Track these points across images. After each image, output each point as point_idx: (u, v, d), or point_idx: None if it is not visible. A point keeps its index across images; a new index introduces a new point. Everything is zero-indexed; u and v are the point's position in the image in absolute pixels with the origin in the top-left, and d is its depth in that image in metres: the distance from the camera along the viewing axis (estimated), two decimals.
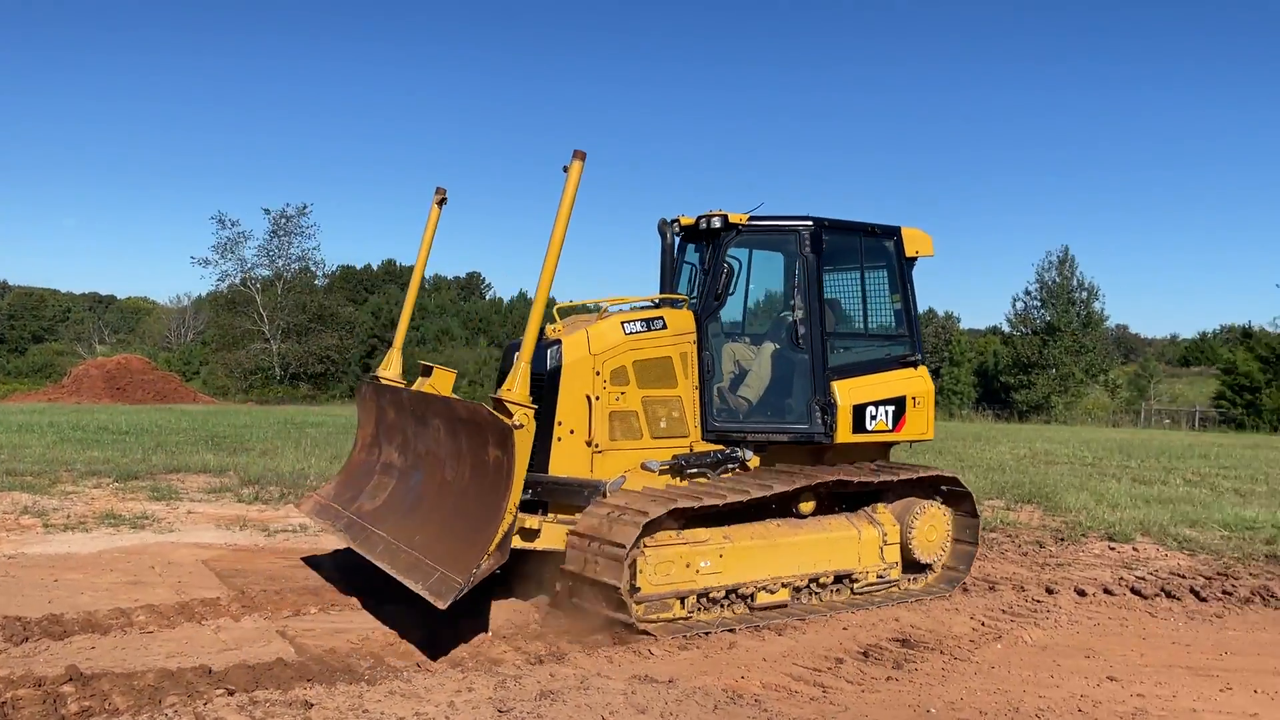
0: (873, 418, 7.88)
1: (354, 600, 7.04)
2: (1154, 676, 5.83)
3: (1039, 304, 53.07)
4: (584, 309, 8.01)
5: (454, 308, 77.05)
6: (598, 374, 6.99)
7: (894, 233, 8.26)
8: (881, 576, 7.63)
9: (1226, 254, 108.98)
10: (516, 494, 5.74)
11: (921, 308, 8.46)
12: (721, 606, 6.86)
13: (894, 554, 7.68)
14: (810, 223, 7.76)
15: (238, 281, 54.71)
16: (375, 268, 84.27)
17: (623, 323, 7.20)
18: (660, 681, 5.40)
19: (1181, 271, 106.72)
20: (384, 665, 5.60)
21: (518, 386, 5.89)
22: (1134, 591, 7.99)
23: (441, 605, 5.37)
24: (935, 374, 57.58)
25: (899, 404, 8.03)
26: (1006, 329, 55.89)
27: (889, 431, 7.99)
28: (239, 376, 51.63)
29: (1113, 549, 9.85)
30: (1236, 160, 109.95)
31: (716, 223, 7.71)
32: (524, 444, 5.76)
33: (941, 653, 6.21)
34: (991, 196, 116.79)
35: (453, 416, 6.55)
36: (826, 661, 5.96)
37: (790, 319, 7.84)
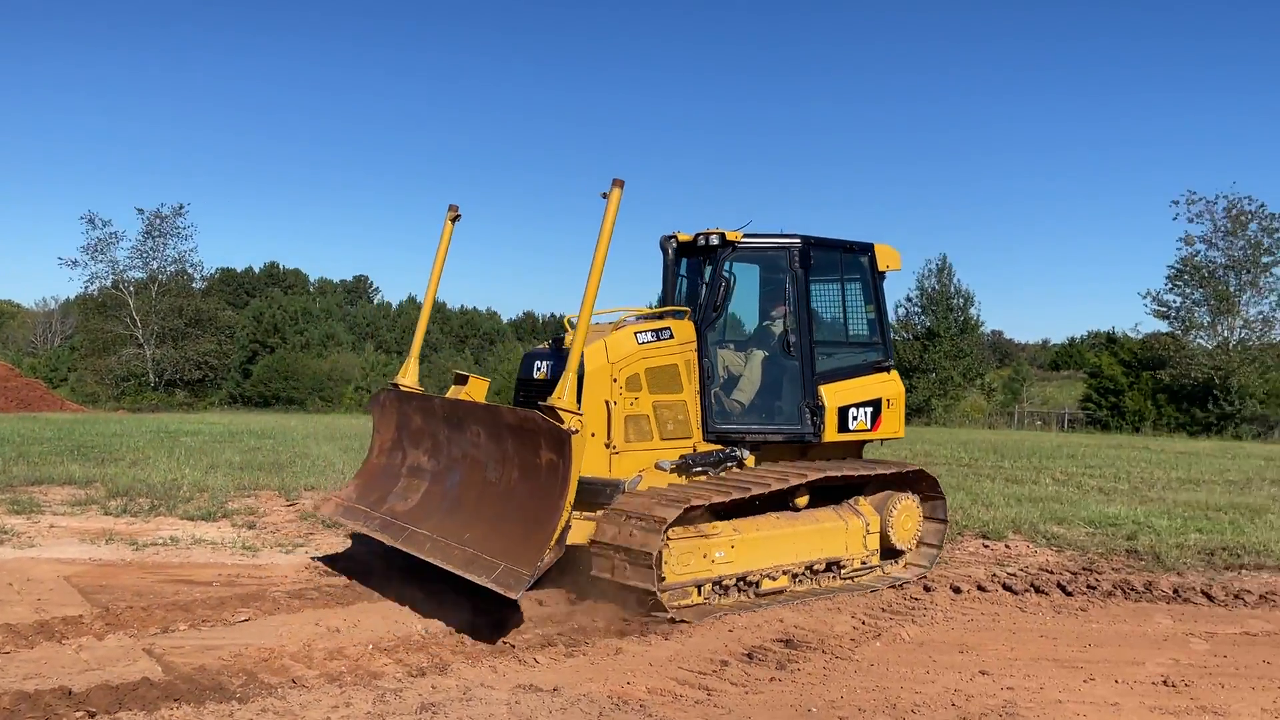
0: (854, 418, 8.61)
1: (226, 615, 6.77)
2: (1023, 669, 6.05)
3: (919, 310, 54.78)
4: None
5: (340, 312, 75.24)
6: (615, 381, 7.51)
7: (868, 249, 8.97)
8: (865, 563, 8.35)
9: (1094, 263, 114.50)
10: (572, 493, 6.19)
11: None
12: (733, 594, 7.49)
13: (875, 542, 8.37)
14: (799, 240, 8.40)
15: (109, 284, 52.39)
16: (257, 270, 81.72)
17: (636, 333, 7.73)
18: (545, 690, 5.35)
19: (1052, 280, 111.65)
20: (257, 682, 5.40)
21: (567, 395, 6.44)
22: (1006, 588, 8.28)
23: (513, 595, 5.90)
24: None
25: (876, 405, 8.78)
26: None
27: (868, 431, 8.74)
28: (110, 383, 49.41)
29: (987, 547, 10.19)
30: (1103, 173, 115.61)
31: (714, 240, 8.23)
32: (579, 447, 6.25)
33: (823, 652, 6.32)
34: (874, 204, 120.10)
35: (499, 422, 6.98)
36: (712, 664, 6.00)
37: (781, 328, 8.45)
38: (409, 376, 8.64)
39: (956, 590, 8.17)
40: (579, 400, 6.83)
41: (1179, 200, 40.49)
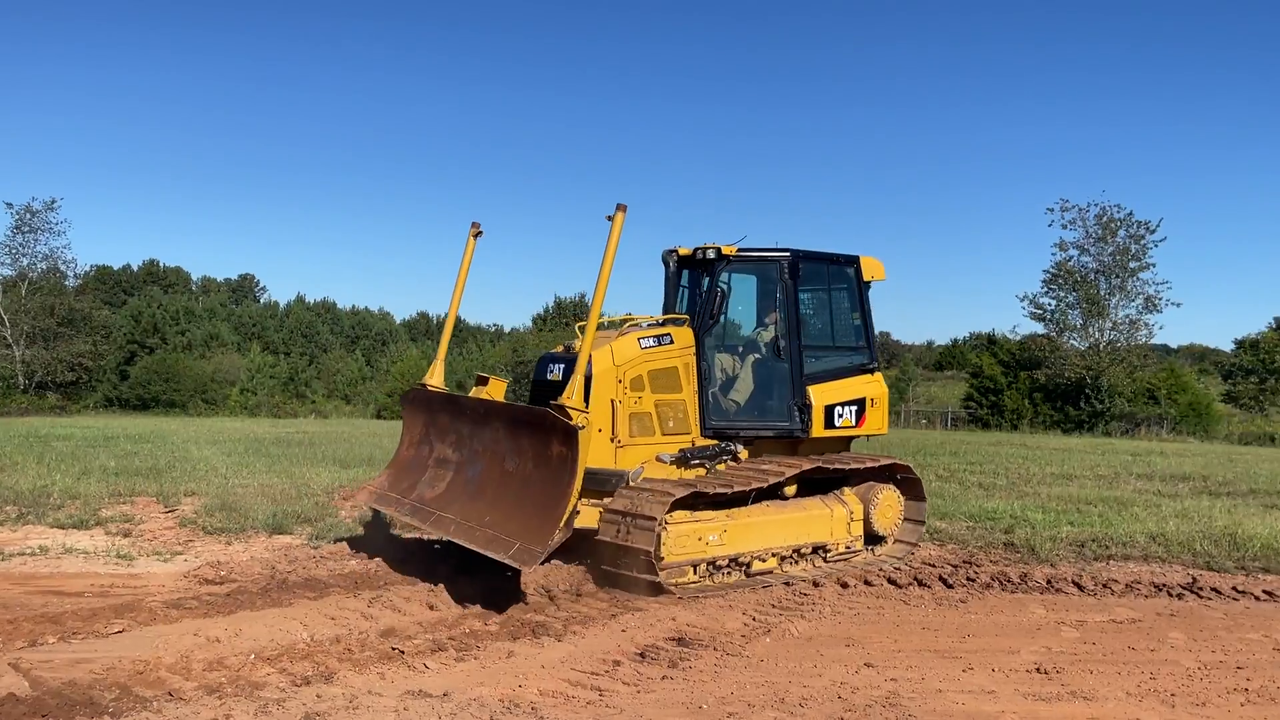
0: (840, 416, 9.38)
1: (99, 627, 6.48)
2: (906, 661, 6.22)
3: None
4: (601, 326, 8.98)
5: (224, 311, 72.81)
6: (620, 382, 8.33)
7: (854, 261, 9.75)
8: (849, 547, 9.15)
9: (976, 267, 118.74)
10: (579, 481, 6.93)
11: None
12: (725, 573, 8.24)
13: (858, 529, 9.19)
14: (789, 254, 9.16)
15: None
16: (135, 269, 78.55)
17: (639, 339, 8.54)
18: (434, 696, 5.27)
19: (937, 282, 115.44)
20: (131, 696, 5.18)
21: (576, 394, 7.18)
22: (891, 582, 8.51)
23: (528, 569, 6.86)
24: None
25: (860, 404, 9.57)
26: None
27: (853, 427, 9.52)
28: None
29: None
30: (983, 179, 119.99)
31: (711, 254, 8.97)
32: (584, 441, 6.99)
33: (715, 649, 6.39)
34: (771, 210, 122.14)
35: (515, 419, 7.79)
36: (604, 664, 6.01)
37: (772, 334, 9.27)
38: (436, 377, 9.33)
39: (844, 585, 8.36)
40: (587, 399, 7.70)
41: (1054, 207, 42.26)
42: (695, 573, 8.08)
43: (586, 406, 7.38)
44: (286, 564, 8.58)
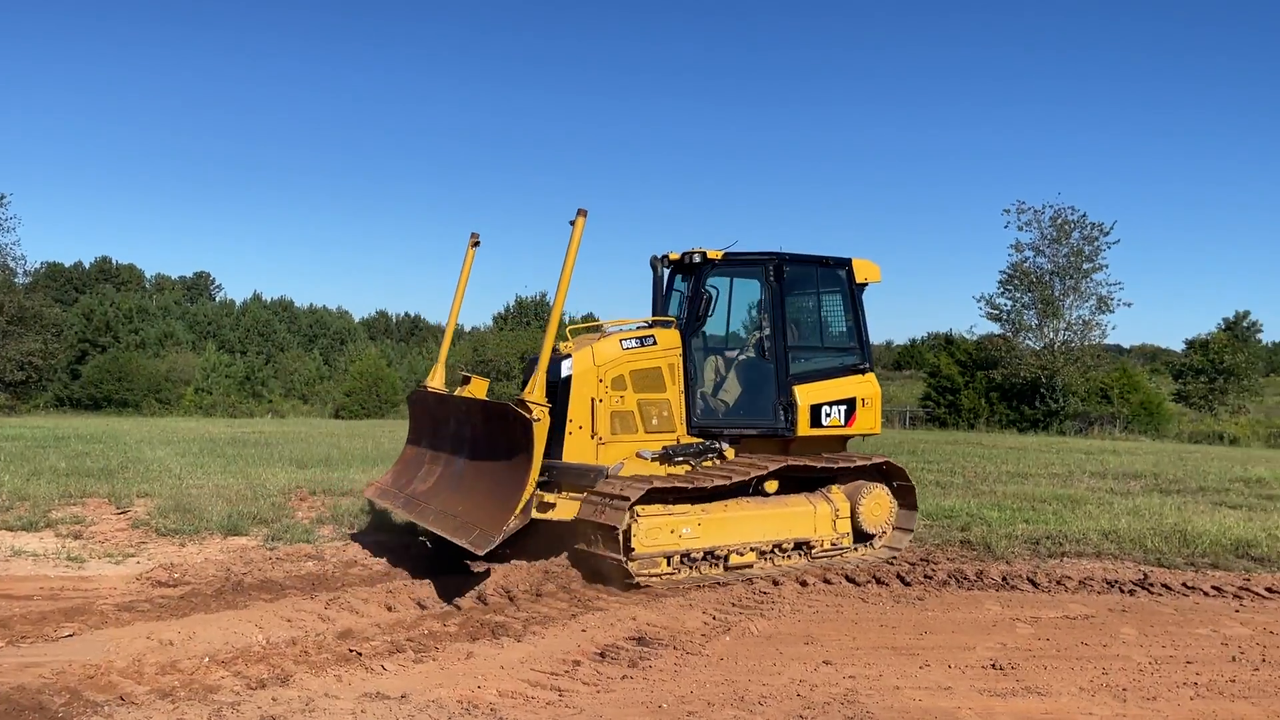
0: (827, 415, 9.49)
1: (49, 630, 6.36)
2: (864, 658, 6.27)
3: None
4: (589, 329, 9.59)
5: (179, 310, 71.74)
6: (600, 381, 8.62)
7: (845, 263, 9.87)
8: (835, 544, 9.21)
9: (934, 268, 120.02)
10: (536, 470, 7.39)
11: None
12: (701, 566, 8.43)
13: (845, 526, 9.24)
14: (774, 257, 9.37)
15: None
16: (87, 266, 77.18)
17: (621, 340, 8.83)
18: (392, 698, 5.22)
19: (896, 282, 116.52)
20: (81, 700, 5.09)
21: (537, 390, 7.60)
22: (849, 579, 8.57)
23: (480, 552, 7.13)
24: None
25: (850, 404, 9.65)
26: None
27: (842, 427, 9.60)
28: None
29: None
30: (942, 181, 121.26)
31: (697, 258, 9.26)
32: (540, 433, 7.42)
33: (675, 648, 6.40)
34: (730, 210, 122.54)
35: (486, 414, 8.34)
36: (564, 665, 5.99)
37: (758, 335, 9.51)
38: (436, 379, 9.79)
39: (803, 583, 8.40)
40: (567, 398, 8.36)
41: (1010, 209, 42.74)
42: (669, 564, 8.24)
43: (552, 403, 7.80)
44: (242, 566, 8.47)
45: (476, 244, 9.80)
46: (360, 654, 6.06)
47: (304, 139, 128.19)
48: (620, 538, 7.81)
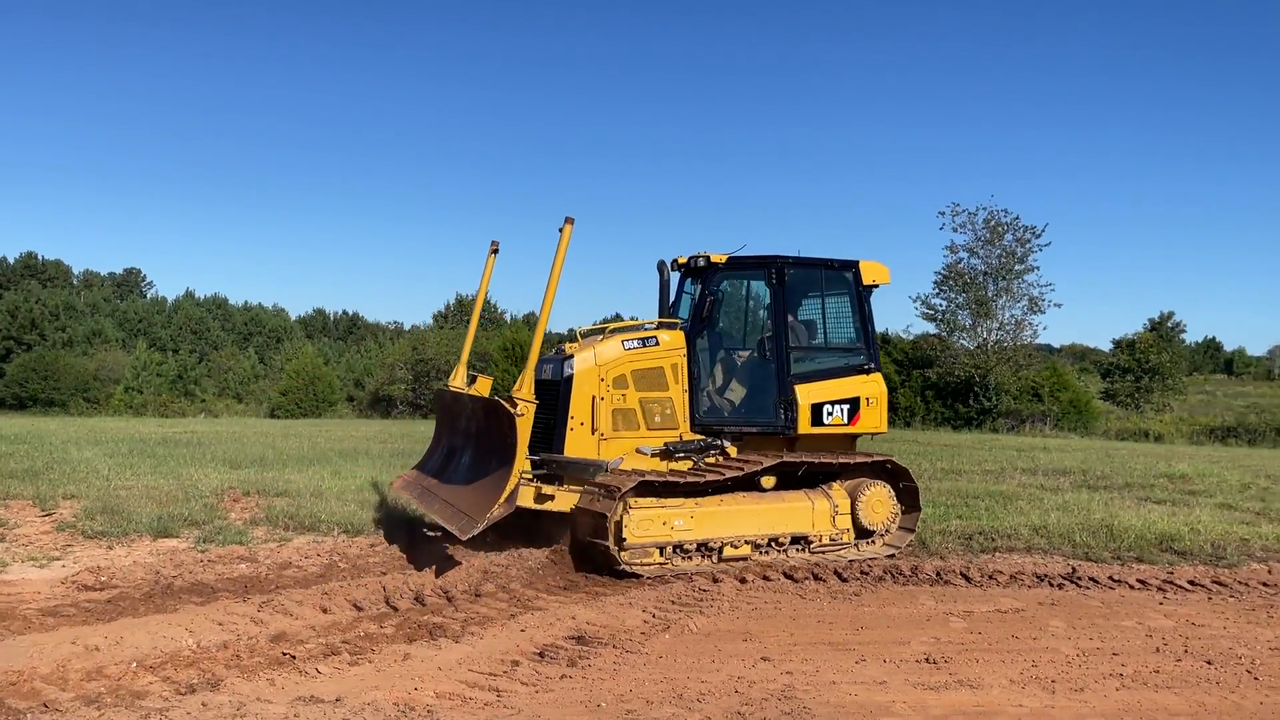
0: (829, 414, 9.70)
1: None
2: (801, 654, 6.33)
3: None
4: (596, 331, 9.93)
5: (108, 307, 69.93)
6: (602, 380, 9.04)
7: (852, 265, 10.07)
8: (834, 540, 9.44)
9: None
10: (519, 462, 7.88)
11: (605, 313, 9.93)
12: (694, 557, 8.79)
13: (845, 522, 9.46)
14: (775, 261, 9.66)
15: None
16: (11, 261, 74.93)
17: (623, 341, 9.24)
18: (326, 701, 5.15)
19: None
20: (3, 708, 4.94)
21: (525, 387, 8.09)
22: (787, 576, 8.64)
23: (462, 538, 7.65)
24: None
25: (854, 403, 9.83)
26: None
27: (845, 425, 9.80)
28: None
29: None
30: (877, 181, 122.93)
31: (702, 262, 9.72)
32: (524, 427, 7.96)
33: (614, 646, 6.40)
34: (667, 206, 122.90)
35: (483, 409, 8.82)
36: (502, 665, 5.96)
37: (761, 336, 9.82)
38: (458, 379, 10.20)
39: (742, 581, 8.45)
40: (569, 397, 8.87)
41: (945, 211, 43.55)
42: (660, 555, 8.62)
43: (555, 401, 8.77)
44: (172, 569, 8.28)
45: (496, 251, 10.22)
46: (294, 657, 5.96)
47: (238, 133, 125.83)
48: (611, 526, 8.17)
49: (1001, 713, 5.30)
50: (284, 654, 6.02)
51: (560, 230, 8.15)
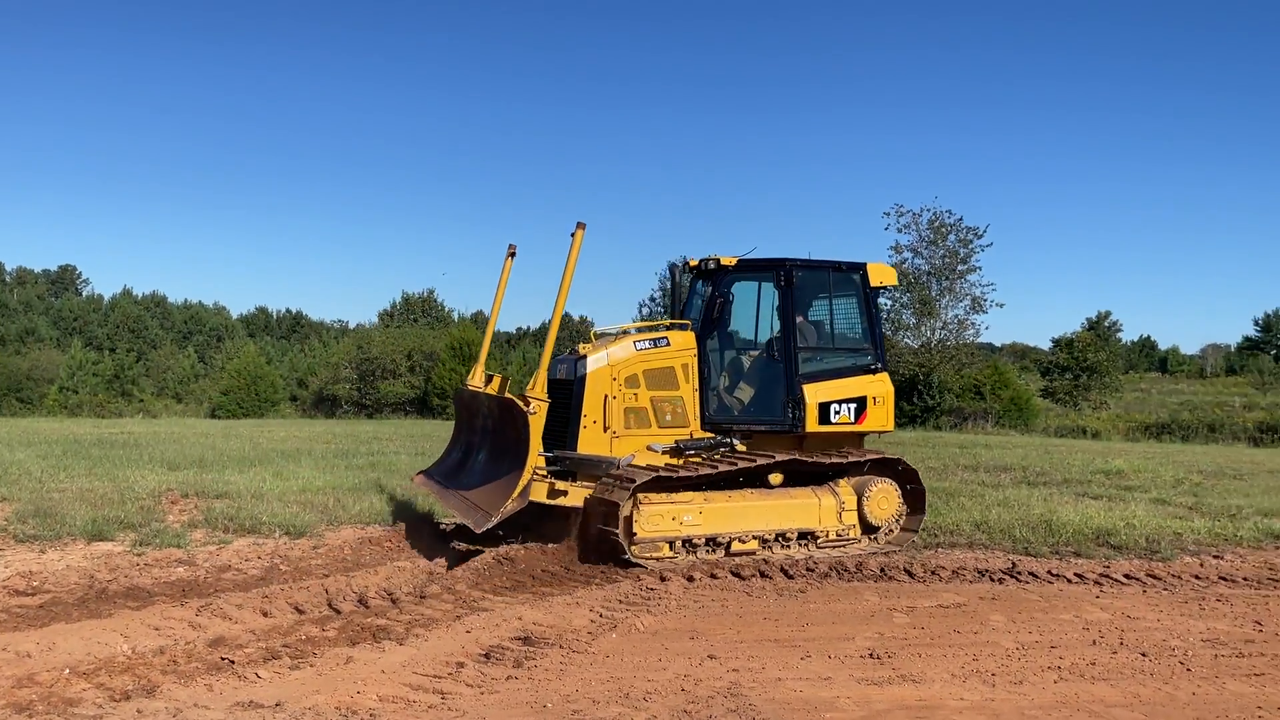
0: (836, 413, 9.92)
1: None
2: (747, 651, 6.36)
3: (663, 310, 56.56)
4: (607, 334, 10.16)
5: (42, 305, 68.13)
6: (614, 379, 9.30)
7: (860, 268, 10.31)
8: (841, 535, 9.65)
9: None
10: (533, 458, 8.29)
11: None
12: (702, 551, 9.08)
13: (851, 518, 9.66)
14: (784, 263, 9.88)
15: None
16: None
17: (634, 342, 9.55)
18: (266, 706, 5.06)
19: None
20: None
21: (538, 386, 8.50)
22: (734, 574, 8.66)
23: (477, 531, 8.15)
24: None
25: (860, 402, 10.04)
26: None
27: (852, 424, 10.00)
28: None
29: None
30: (824, 183, 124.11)
31: (713, 264, 9.97)
32: (536, 424, 8.33)
33: (561, 647, 6.36)
34: (621, 206, 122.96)
35: (498, 407, 9.20)
36: (447, 667, 5.90)
37: (770, 336, 10.12)
38: (477, 378, 10.44)
39: (690, 579, 8.46)
40: (582, 396, 9.15)
41: (890, 212, 44.05)
42: (670, 549, 8.90)
43: (568, 400, 9.12)
44: (107, 573, 8.08)
45: (513, 255, 10.49)
46: (233, 662, 5.84)
47: (176, 128, 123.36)
48: (621, 520, 8.47)
49: (943, 706, 5.36)
50: (222, 659, 5.90)
51: (572, 235, 8.50)
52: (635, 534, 8.66)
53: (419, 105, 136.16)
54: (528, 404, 8.25)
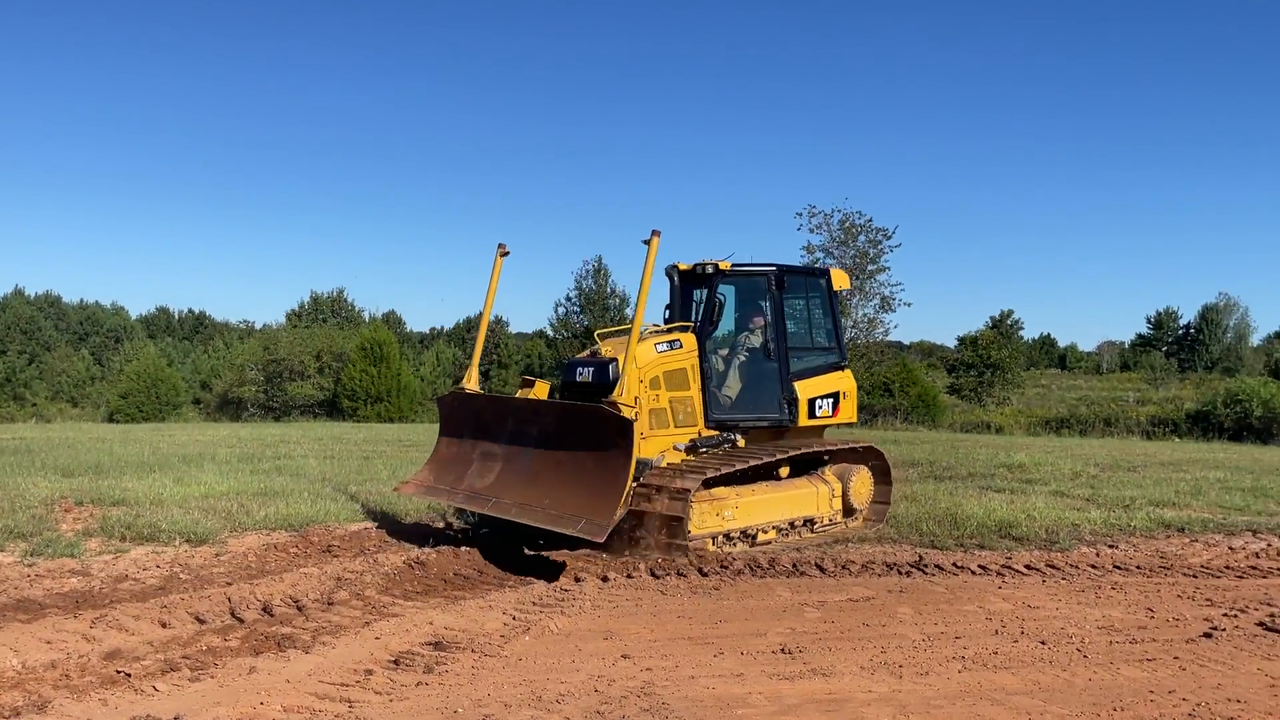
0: (819, 407, 10.86)
1: None
2: (661, 650, 6.37)
3: (579, 309, 56.44)
4: (618, 333, 10.43)
5: None
6: (641, 381, 9.41)
7: (825, 273, 11.34)
8: (831, 520, 10.50)
9: None
10: (634, 465, 8.39)
11: (468, 312, 10.02)
12: (738, 544, 9.59)
13: (838, 504, 10.55)
14: (775, 268, 10.49)
15: None
16: None
17: (655, 344, 9.74)
18: None
19: None
20: None
21: (627, 392, 8.78)
22: (650, 574, 8.68)
23: (600, 539, 8.11)
24: (485, 376, 59.15)
25: (836, 397, 11.04)
26: (550, 333, 58.84)
27: (830, 417, 11.02)
28: None
29: None
30: (735, 182, 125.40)
31: (709, 269, 10.29)
32: (636, 432, 8.47)
33: (473, 651, 6.29)
34: (533, 208, 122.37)
35: (570, 415, 9.05)
36: (355, 675, 5.77)
37: (762, 338, 10.61)
38: (472, 382, 10.35)
39: (604, 579, 8.44)
40: (633, 398, 9.11)
41: (802, 212, 44.77)
42: (713, 544, 9.36)
43: (634, 403, 9.01)
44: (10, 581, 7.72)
45: (505, 254, 10.46)
46: (129, 675, 5.63)
47: (72, 121, 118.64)
48: (677, 522, 8.86)
49: (851, 699, 5.44)
50: (118, 672, 5.68)
51: (646, 243, 8.61)
52: (689, 533, 8.96)
53: (327, 101, 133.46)
54: (621, 410, 8.39)
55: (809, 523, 10.30)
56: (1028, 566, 9.08)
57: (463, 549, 9.23)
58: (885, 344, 45.38)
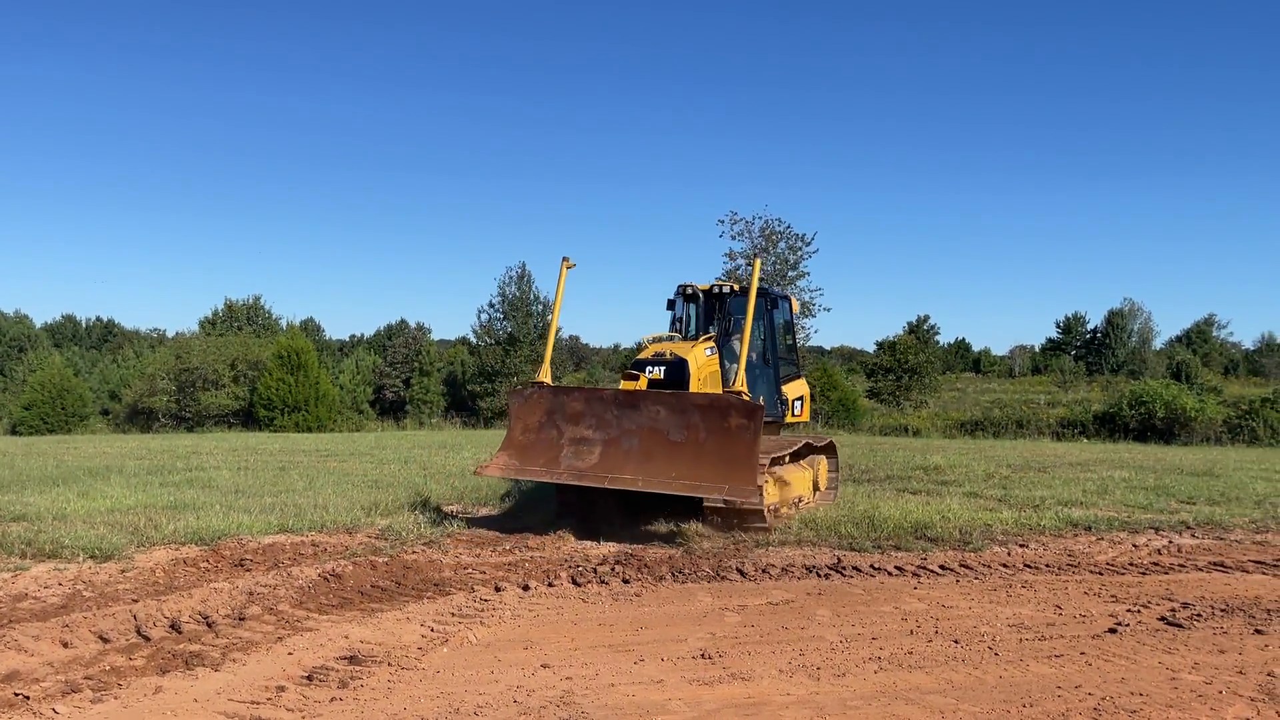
0: (795, 408, 13.34)
1: None
2: (582, 658, 6.34)
3: (501, 316, 56.07)
4: (659, 339, 12.50)
5: None
6: (700, 380, 11.26)
7: (788, 297, 14.04)
8: (807, 499, 12.45)
9: (657, 272, 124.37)
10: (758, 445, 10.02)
11: (389, 319, 10.50)
12: (779, 514, 11.32)
13: (812, 485, 12.71)
14: (770, 290, 12.91)
15: None
16: None
17: (705, 348, 11.72)
18: None
19: (621, 287, 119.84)
20: None
21: (743, 384, 10.46)
22: (572, 581, 8.65)
23: (754, 500, 10.03)
24: (406, 384, 58.40)
25: (802, 400, 13.66)
26: (473, 339, 58.30)
27: (798, 416, 13.56)
28: None
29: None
30: (663, 190, 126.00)
31: (727, 289, 12.88)
32: (761, 415, 10.11)
33: (389, 664, 6.18)
34: (455, 213, 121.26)
35: (688, 403, 10.37)
36: (266, 692, 5.62)
37: (760, 348, 12.81)
38: (547, 376, 11.50)
39: (525, 588, 8.38)
40: (686, 389, 10.95)
41: (724, 219, 45.05)
42: (769, 514, 10.93)
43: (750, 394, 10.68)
44: None
45: (571, 266, 11.92)
46: (27, 698, 5.40)
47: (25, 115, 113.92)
48: (761, 491, 10.33)
49: (770, 702, 5.49)
50: (16, 694, 5.44)
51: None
52: (764, 499, 10.57)
53: (249, 104, 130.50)
54: (744, 397, 10.15)
55: (800, 501, 12.16)
56: (942, 567, 9.26)
57: (380, 560, 9.07)
58: (806, 349, 45.94)
